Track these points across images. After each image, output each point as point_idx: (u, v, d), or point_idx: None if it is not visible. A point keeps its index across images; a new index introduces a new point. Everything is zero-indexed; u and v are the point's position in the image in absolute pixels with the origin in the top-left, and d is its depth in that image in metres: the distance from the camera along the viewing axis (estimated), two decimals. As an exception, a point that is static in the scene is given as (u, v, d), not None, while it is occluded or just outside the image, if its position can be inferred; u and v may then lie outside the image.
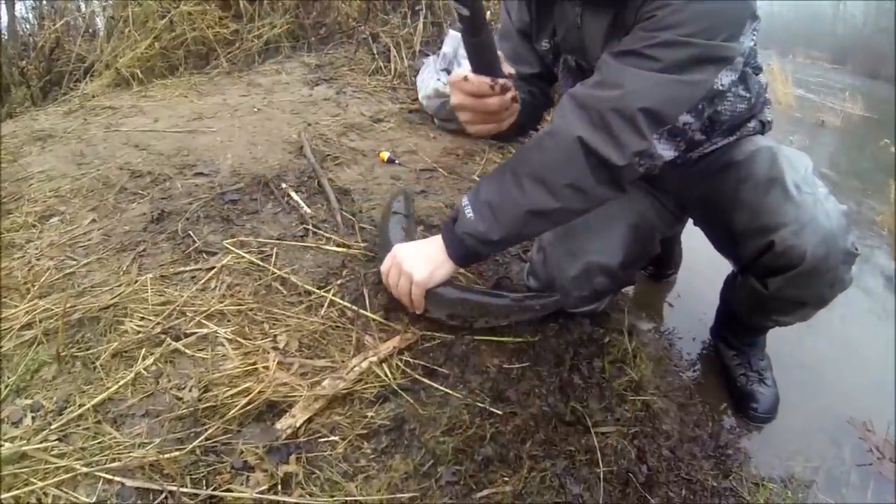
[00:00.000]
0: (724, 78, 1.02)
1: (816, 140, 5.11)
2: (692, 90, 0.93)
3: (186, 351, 1.02)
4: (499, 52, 0.99)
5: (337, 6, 3.96)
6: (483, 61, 0.96)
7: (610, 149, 0.92)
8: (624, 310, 1.44)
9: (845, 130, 5.78)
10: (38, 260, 1.34)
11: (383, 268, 1.13)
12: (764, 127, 1.25)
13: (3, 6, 3.38)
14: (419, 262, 1.08)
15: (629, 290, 1.74)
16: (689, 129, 1.01)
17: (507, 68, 1.02)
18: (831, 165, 4.16)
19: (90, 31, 3.22)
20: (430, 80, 2.65)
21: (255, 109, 2.30)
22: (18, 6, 3.61)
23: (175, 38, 2.96)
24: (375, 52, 3.19)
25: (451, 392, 1.05)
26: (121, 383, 0.95)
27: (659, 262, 1.85)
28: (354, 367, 1.04)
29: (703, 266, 1.83)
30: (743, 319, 1.38)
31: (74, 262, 1.31)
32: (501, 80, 0.97)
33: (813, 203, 1.07)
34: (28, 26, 3.60)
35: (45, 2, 3.51)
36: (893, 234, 2.72)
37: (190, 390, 0.93)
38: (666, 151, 1.00)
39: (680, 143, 1.02)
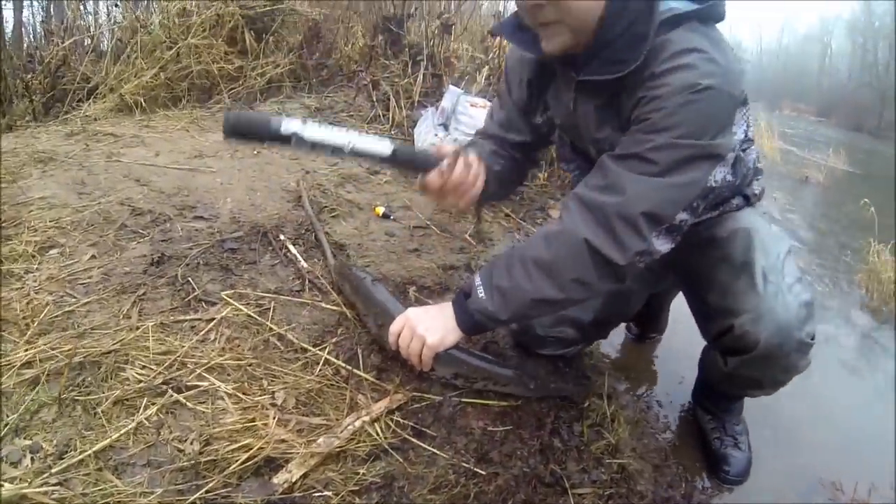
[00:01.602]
0: (718, 174, 1.08)
1: (799, 196, 5.33)
2: (688, 191, 1.02)
3: (188, 403, 1.07)
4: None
5: (340, 47, 4.12)
6: (419, 165, 1.12)
7: (613, 250, 1.02)
8: (604, 374, 1.53)
9: (828, 186, 6.02)
10: (36, 294, 1.37)
11: (394, 328, 1.20)
12: (749, 200, 1.32)
13: (7, 13, 3.43)
14: (432, 327, 1.16)
15: (612, 352, 1.83)
16: (684, 225, 1.09)
17: (447, 148, 1.14)
18: (812, 223, 4.30)
19: (97, 51, 3.27)
20: (427, 133, 2.77)
21: (255, 152, 2.38)
22: (25, 13, 3.66)
23: (180, 70, 3.04)
24: (375, 99, 3.31)
25: (438, 452, 1.12)
26: (122, 431, 0.99)
27: (644, 325, 1.92)
28: (348, 425, 1.10)
29: (685, 329, 1.82)
30: (715, 388, 1.46)
31: (74, 301, 1.35)
32: (444, 164, 1.10)
33: (774, 294, 1.15)
34: (34, 38, 3.65)
35: (53, 17, 3.58)
36: (871, 294, 2.83)
37: (191, 443, 0.98)
38: (663, 246, 1.07)
39: (676, 237, 1.09)
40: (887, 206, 5.12)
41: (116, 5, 3.66)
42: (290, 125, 0.96)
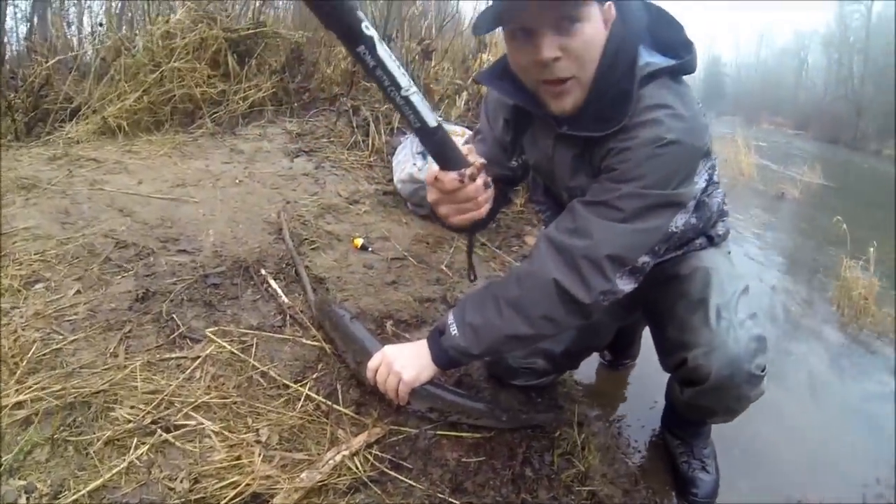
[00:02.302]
0: (679, 220, 1.14)
1: (775, 213, 5.49)
2: (651, 236, 1.11)
3: (176, 442, 1.13)
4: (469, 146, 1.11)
5: (322, 70, 4.18)
6: (446, 158, 1.00)
7: (580, 290, 1.10)
8: (576, 402, 1.61)
9: (803, 202, 6.20)
10: (23, 330, 1.41)
11: (372, 364, 1.27)
12: (713, 240, 1.39)
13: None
14: (408, 364, 1.24)
15: (585, 379, 1.89)
16: (646, 266, 1.16)
17: (475, 157, 1.06)
18: (788, 241, 4.45)
19: (80, 70, 3.28)
20: (405, 162, 2.84)
21: (237, 181, 2.44)
22: (9, 23, 3.65)
23: (163, 94, 3.08)
24: (355, 124, 3.39)
25: (414, 484, 1.19)
26: (114, 471, 1.05)
27: (617, 352, 1.99)
28: (329, 459, 1.17)
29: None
30: (679, 414, 1.52)
31: (61, 338, 1.40)
32: (468, 171, 1.01)
33: (726, 329, 1.23)
34: (16, 52, 3.64)
35: (36, 35, 3.58)
36: (842, 310, 2.91)
37: (181, 481, 1.04)
38: (626, 286, 1.15)
39: (639, 277, 1.17)
40: (860, 219, 5.28)
41: (101, 24, 3.69)
42: (372, 31, 0.86)
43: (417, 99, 0.92)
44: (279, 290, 1.71)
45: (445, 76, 4.29)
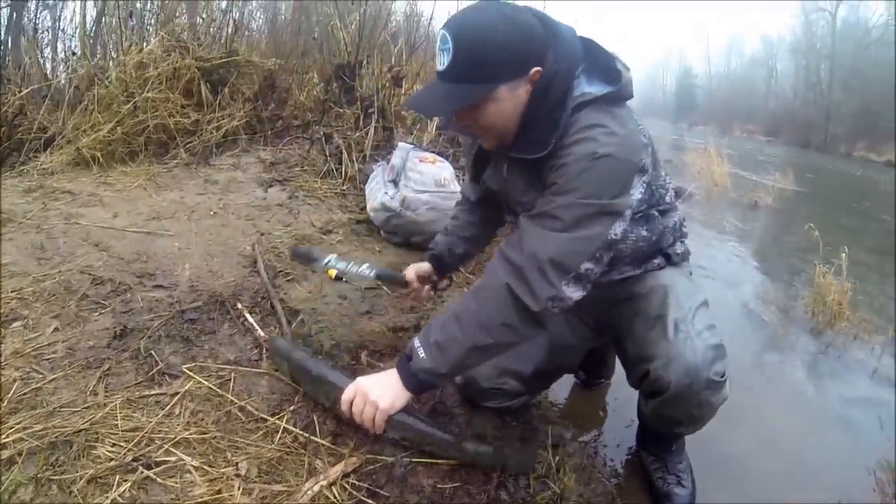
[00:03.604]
0: (618, 228, 1.20)
1: (749, 221, 5.61)
2: (590, 243, 1.18)
3: (157, 479, 1.17)
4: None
5: (294, 97, 4.25)
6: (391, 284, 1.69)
7: (528, 297, 1.18)
8: (550, 424, 1.65)
9: (777, 209, 6.36)
10: (3, 369, 1.45)
11: (346, 397, 1.31)
12: (671, 259, 1.47)
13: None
14: (383, 393, 1.28)
15: (560, 399, 1.95)
16: (591, 274, 1.21)
17: (410, 274, 1.69)
18: (760, 249, 4.55)
19: (53, 100, 3.29)
20: (377, 191, 2.92)
21: (212, 213, 2.50)
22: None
23: (137, 124, 3.11)
24: (328, 152, 3.46)
25: None
26: (98, 510, 1.10)
27: (591, 371, 2.02)
28: (307, 490, 1.22)
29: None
30: (650, 429, 1.59)
31: (41, 377, 1.43)
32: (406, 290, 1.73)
33: (684, 340, 1.30)
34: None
35: (10, 64, 3.57)
36: (816, 317, 2.96)
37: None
38: (574, 294, 1.22)
39: (586, 285, 1.24)
40: (831, 224, 5.50)
41: (73, 53, 3.71)
42: (329, 261, 1.67)
43: (362, 271, 1.67)
44: (255, 324, 1.76)
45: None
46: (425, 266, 1.71)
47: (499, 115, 1.20)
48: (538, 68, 1.17)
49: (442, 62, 1.14)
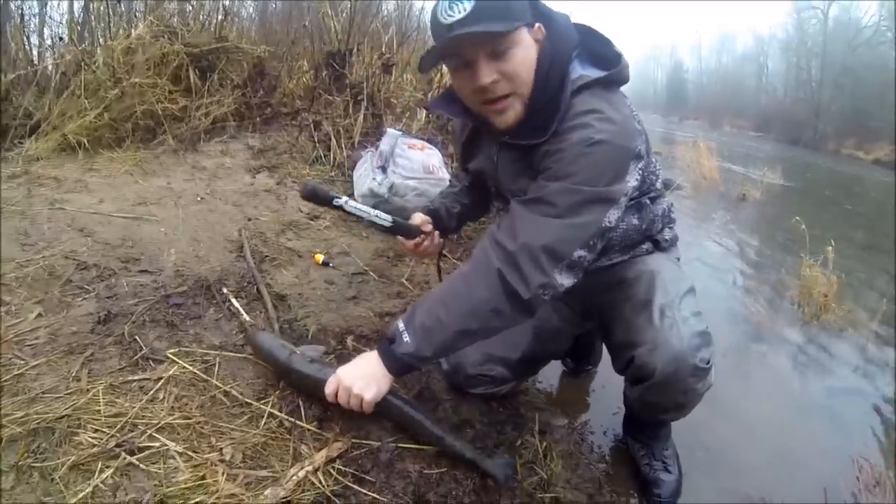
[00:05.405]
0: (612, 216, 1.19)
1: (738, 215, 5.68)
2: (584, 230, 1.17)
3: (141, 465, 1.17)
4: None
5: (284, 84, 4.21)
6: (404, 234, 1.56)
7: (519, 284, 1.16)
8: (537, 410, 1.66)
9: (765, 203, 6.43)
10: (-16, 356, 1.43)
11: (329, 391, 1.30)
12: (660, 245, 1.46)
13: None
14: (367, 384, 1.26)
15: (548, 387, 1.95)
16: (584, 261, 1.20)
17: (420, 221, 1.59)
18: (750, 242, 4.59)
19: (39, 86, 3.23)
20: (366, 177, 2.91)
21: (199, 198, 2.47)
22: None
23: (125, 110, 3.06)
24: (316, 139, 3.44)
25: (377, 497, 1.24)
26: (80, 496, 1.08)
27: (578, 358, 2.04)
28: (293, 476, 1.22)
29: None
30: (636, 416, 1.59)
31: (23, 363, 1.41)
32: (417, 239, 1.57)
33: (669, 326, 1.28)
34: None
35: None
36: (802, 309, 3.00)
37: (147, 503, 1.09)
38: (566, 281, 1.21)
39: (578, 272, 1.23)
40: (818, 218, 5.54)
41: (61, 38, 3.64)
42: (340, 200, 1.44)
43: (379, 214, 1.49)
44: (241, 309, 1.75)
45: (406, 90, 4.38)
46: (426, 217, 1.64)
47: (523, 63, 1.17)
48: (540, 24, 1.18)
49: (463, 9, 1.11)
